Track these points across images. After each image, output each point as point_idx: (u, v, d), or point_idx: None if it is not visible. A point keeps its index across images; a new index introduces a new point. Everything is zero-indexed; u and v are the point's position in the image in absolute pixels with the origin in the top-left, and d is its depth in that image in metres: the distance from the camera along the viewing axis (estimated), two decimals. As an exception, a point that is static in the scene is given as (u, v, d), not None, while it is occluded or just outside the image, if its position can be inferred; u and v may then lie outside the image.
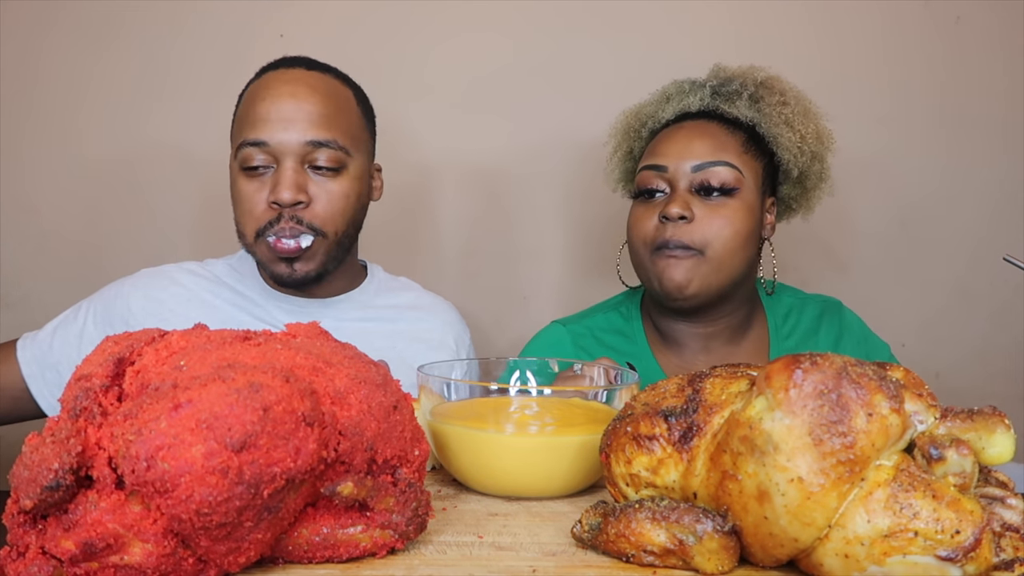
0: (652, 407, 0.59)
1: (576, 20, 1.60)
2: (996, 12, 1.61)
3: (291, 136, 1.06)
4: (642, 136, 1.22)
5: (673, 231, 1.08)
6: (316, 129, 1.07)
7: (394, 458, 0.55)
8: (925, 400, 0.52)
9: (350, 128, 1.11)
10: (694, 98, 1.16)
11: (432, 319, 1.24)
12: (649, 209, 1.12)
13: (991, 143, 1.63)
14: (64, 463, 0.46)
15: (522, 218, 1.64)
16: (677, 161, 1.11)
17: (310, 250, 1.08)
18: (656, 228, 1.10)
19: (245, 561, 0.51)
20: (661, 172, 1.12)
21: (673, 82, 1.21)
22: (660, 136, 1.16)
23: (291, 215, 1.07)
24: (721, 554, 0.53)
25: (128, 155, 1.58)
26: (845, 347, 1.22)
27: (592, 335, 1.22)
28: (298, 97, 1.07)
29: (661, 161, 1.12)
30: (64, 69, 1.57)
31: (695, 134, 1.13)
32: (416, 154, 1.61)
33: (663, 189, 1.12)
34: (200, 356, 0.53)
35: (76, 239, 1.58)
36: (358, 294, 1.22)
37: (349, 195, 1.10)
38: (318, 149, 1.07)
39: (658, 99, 1.20)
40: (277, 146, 1.06)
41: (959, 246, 1.64)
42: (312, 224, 1.08)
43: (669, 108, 1.18)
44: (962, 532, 0.48)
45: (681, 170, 1.10)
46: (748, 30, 1.59)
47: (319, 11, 1.59)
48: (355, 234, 1.16)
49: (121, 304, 1.14)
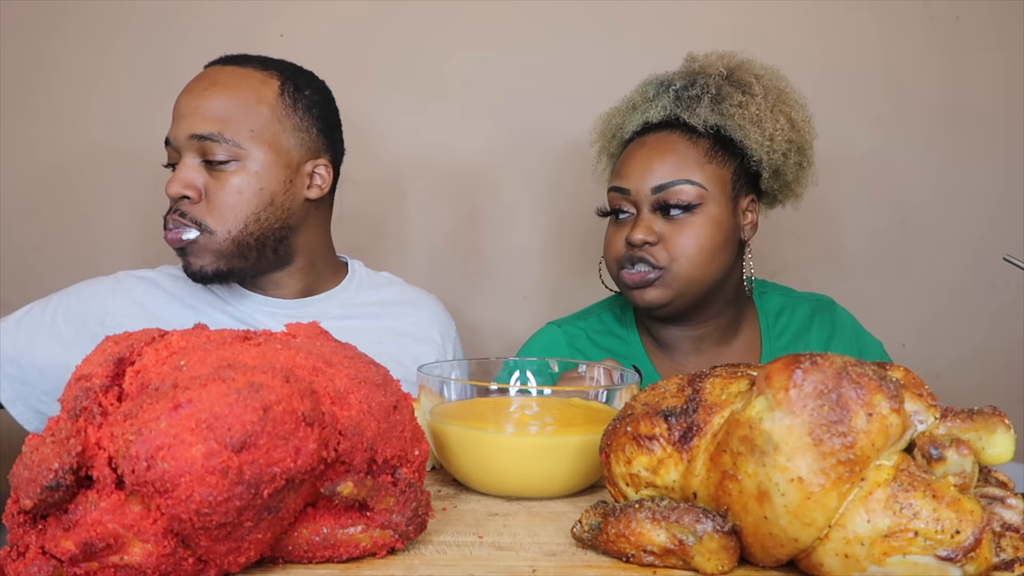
0: (652, 407, 0.59)
1: (570, 18, 1.60)
2: (995, 12, 1.61)
3: (181, 131, 1.06)
4: (613, 148, 1.23)
5: (638, 254, 1.11)
6: (202, 123, 1.05)
7: (394, 458, 0.55)
8: (925, 400, 0.52)
9: (250, 121, 1.07)
10: (656, 108, 1.16)
11: (416, 313, 1.24)
12: (619, 229, 1.15)
13: (991, 143, 1.63)
14: (64, 463, 0.46)
15: (519, 218, 1.64)
16: (638, 183, 1.12)
17: (196, 244, 1.06)
18: (624, 249, 1.13)
19: (245, 561, 0.51)
20: (625, 195, 1.13)
21: (641, 84, 1.21)
22: (625, 152, 1.17)
23: (175, 208, 1.06)
24: (721, 554, 0.53)
25: (128, 155, 1.58)
26: (837, 345, 1.22)
27: (587, 336, 1.23)
28: (193, 92, 1.08)
29: (624, 184, 1.14)
30: (65, 69, 1.57)
31: (655, 152, 1.13)
32: (414, 154, 1.61)
33: (629, 210, 1.14)
34: (200, 356, 0.53)
35: (77, 239, 1.58)
36: (339, 292, 1.21)
37: (243, 190, 1.06)
38: (204, 143, 1.05)
39: (626, 107, 1.21)
40: (175, 142, 1.07)
41: (959, 246, 1.64)
42: (196, 219, 1.06)
43: (634, 119, 1.18)
44: (962, 532, 0.48)
45: (643, 192, 1.12)
46: (746, 29, 1.59)
47: (319, 11, 1.59)
48: (267, 232, 1.10)
49: (99, 303, 1.12)
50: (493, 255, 1.65)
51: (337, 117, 1.20)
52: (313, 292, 1.19)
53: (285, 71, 1.13)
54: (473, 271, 1.65)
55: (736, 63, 1.17)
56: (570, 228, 1.63)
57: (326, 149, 1.15)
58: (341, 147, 1.21)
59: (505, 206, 1.64)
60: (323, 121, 1.15)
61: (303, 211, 1.13)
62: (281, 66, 1.14)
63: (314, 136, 1.13)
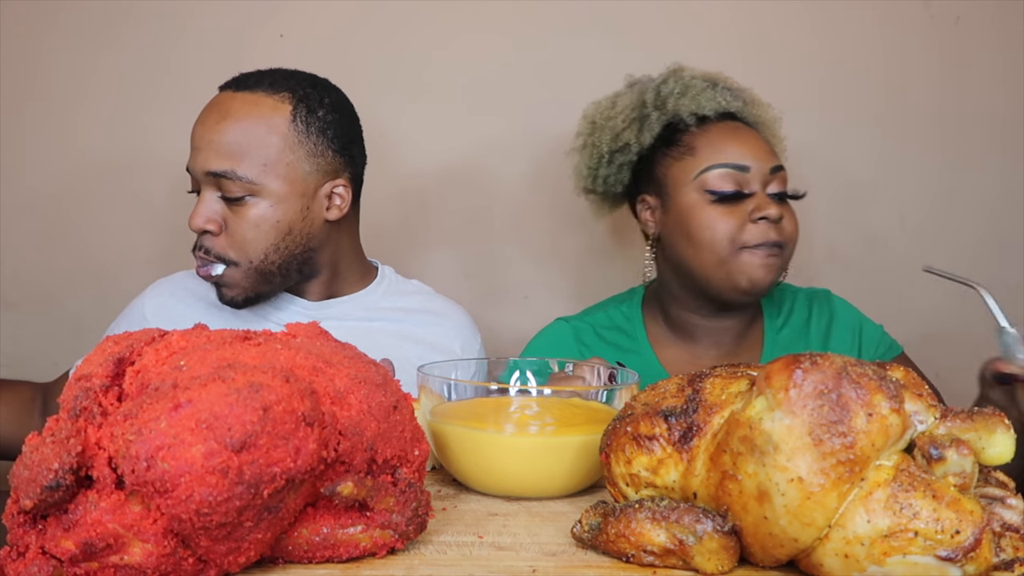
0: (652, 407, 0.59)
1: (571, 19, 1.60)
2: (996, 12, 1.61)
3: (197, 165, 1.08)
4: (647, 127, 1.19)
5: (769, 232, 1.11)
6: (215, 159, 1.06)
7: (394, 458, 0.55)
8: (925, 400, 0.52)
9: (263, 155, 1.06)
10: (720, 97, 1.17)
11: (440, 323, 1.23)
12: (733, 210, 1.12)
13: (991, 143, 1.62)
14: (64, 463, 0.46)
15: (521, 217, 1.64)
16: (757, 161, 1.12)
17: (225, 277, 1.09)
18: (746, 228, 1.11)
19: (245, 561, 0.51)
20: (743, 172, 1.12)
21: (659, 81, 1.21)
22: (712, 131, 1.15)
23: (199, 244, 1.09)
24: (721, 554, 0.53)
25: (128, 155, 1.58)
26: (837, 332, 1.23)
27: (594, 331, 1.24)
28: (206, 125, 1.08)
29: (741, 160, 1.12)
30: (64, 69, 1.57)
31: (752, 133, 1.16)
32: (415, 154, 1.61)
33: (751, 191, 1.12)
34: (200, 356, 0.53)
35: (76, 239, 1.58)
36: (364, 295, 1.21)
37: (260, 224, 1.07)
38: (219, 179, 1.06)
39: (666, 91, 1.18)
40: (194, 172, 1.09)
41: (959, 246, 1.63)
42: (219, 254, 1.08)
43: (702, 101, 1.16)
44: (962, 532, 0.48)
45: (763, 171, 1.12)
46: (747, 30, 1.59)
47: (319, 11, 1.58)
48: (288, 259, 1.11)
49: (137, 314, 1.18)
50: (493, 255, 1.65)
51: (356, 127, 1.19)
52: (337, 295, 1.20)
53: (296, 92, 1.11)
54: (478, 271, 1.65)
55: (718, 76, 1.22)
56: (571, 228, 1.63)
57: (343, 167, 1.14)
58: (361, 158, 1.20)
59: (507, 206, 1.64)
60: (339, 140, 1.13)
61: (324, 232, 1.13)
62: (292, 86, 1.11)
63: (329, 158, 1.12)
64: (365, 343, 0.75)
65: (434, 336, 1.22)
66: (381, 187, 1.34)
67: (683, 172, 1.15)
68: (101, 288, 1.54)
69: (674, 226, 1.16)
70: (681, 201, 1.15)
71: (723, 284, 1.13)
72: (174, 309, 1.17)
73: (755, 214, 1.10)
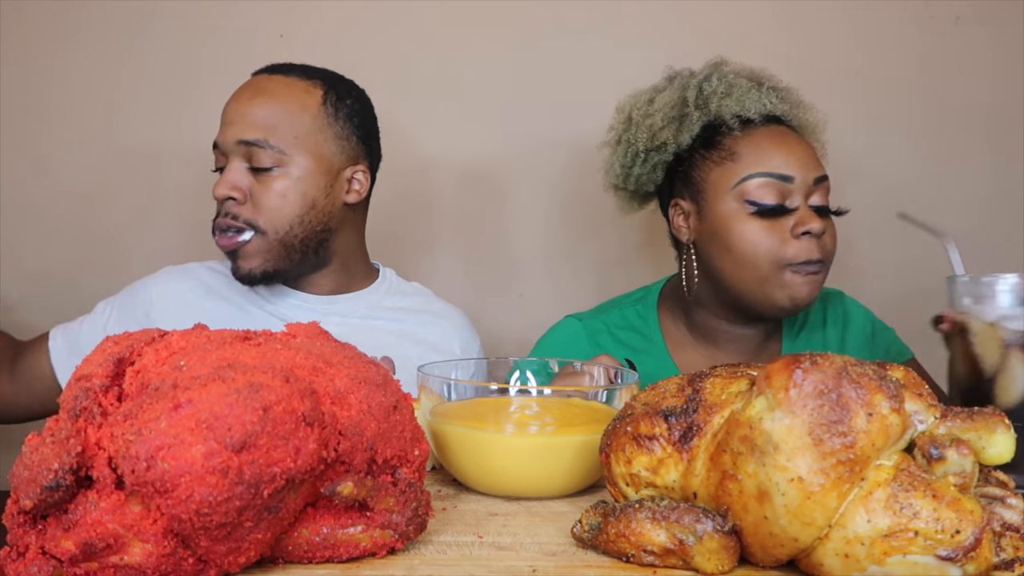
0: (652, 407, 0.59)
1: (575, 20, 1.60)
2: (996, 12, 1.61)
3: (228, 136, 1.12)
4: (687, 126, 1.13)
5: (812, 249, 1.05)
6: (249, 130, 1.10)
7: (394, 458, 0.55)
8: (925, 400, 0.52)
9: (294, 129, 1.12)
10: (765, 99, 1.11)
11: (439, 325, 1.26)
12: (775, 224, 1.06)
13: (991, 142, 1.63)
14: (64, 463, 0.46)
15: (521, 218, 1.64)
16: (802, 171, 1.06)
17: (249, 245, 1.12)
18: (788, 244, 1.06)
19: (245, 561, 0.51)
20: (787, 183, 1.06)
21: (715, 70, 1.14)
22: (757, 135, 1.09)
23: (225, 211, 1.11)
24: (721, 554, 0.53)
25: (128, 155, 1.58)
26: (852, 335, 1.21)
27: (608, 331, 1.21)
28: (240, 100, 1.13)
29: (786, 171, 1.06)
30: (65, 69, 1.57)
31: (798, 141, 1.09)
32: (414, 153, 1.61)
33: (794, 205, 1.06)
34: (200, 356, 0.53)
35: (76, 239, 1.58)
36: (368, 293, 1.25)
37: (287, 195, 1.11)
38: (251, 148, 1.10)
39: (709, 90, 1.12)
40: (223, 146, 1.12)
41: (959, 246, 1.63)
42: (249, 220, 1.11)
43: (747, 103, 1.10)
44: (962, 532, 0.48)
45: (806, 181, 1.06)
46: (746, 30, 1.59)
47: (319, 11, 1.59)
48: (310, 235, 1.15)
49: (143, 296, 1.19)
50: (507, 258, 1.65)
51: (375, 125, 1.24)
52: (343, 291, 1.23)
53: (328, 80, 1.17)
54: (486, 273, 1.65)
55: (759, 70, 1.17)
56: (571, 228, 1.63)
57: (364, 156, 1.20)
58: (378, 154, 1.26)
59: (508, 206, 1.64)
60: (362, 129, 1.19)
61: (341, 215, 1.18)
62: (324, 75, 1.18)
63: (354, 144, 1.18)
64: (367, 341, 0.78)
65: (434, 336, 1.24)
66: (383, 187, 1.35)
67: (723, 178, 1.09)
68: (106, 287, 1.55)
69: (711, 235, 1.10)
70: (719, 209, 1.09)
71: (763, 301, 1.08)
72: (184, 298, 1.18)
73: (798, 228, 1.05)
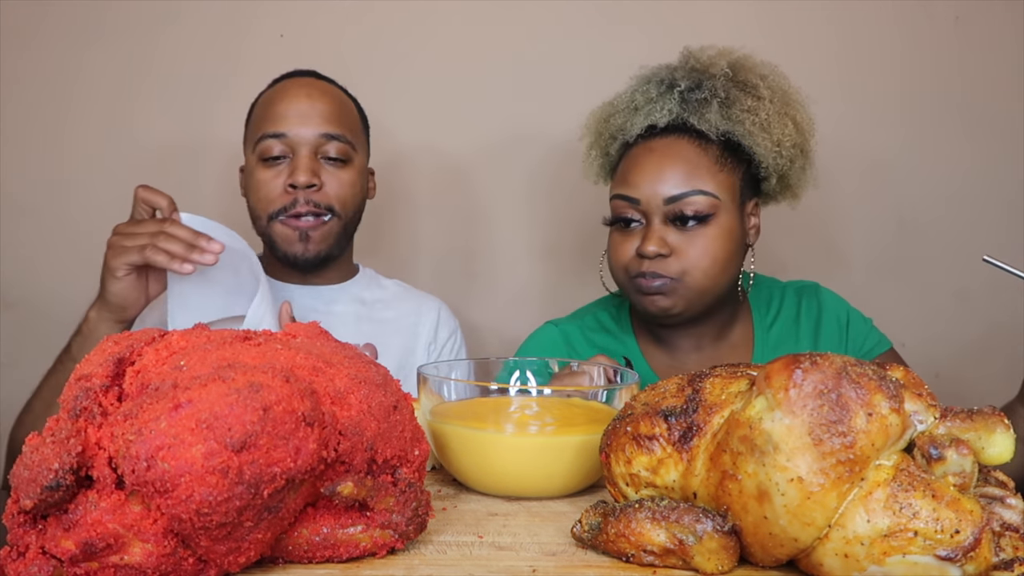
0: (652, 407, 0.59)
1: (566, 17, 1.60)
2: (996, 12, 1.61)
3: (307, 129, 1.19)
4: (612, 148, 1.19)
5: (650, 265, 1.08)
6: (329, 124, 1.20)
7: (394, 458, 0.55)
8: (925, 400, 0.52)
9: (352, 128, 1.24)
10: (662, 110, 1.11)
11: (418, 311, 1.35)
12: (626, 237, 1.11)
13: (990, 142, 1.63)
14: (64, 463, 0.46)
15: (515, 217, 1.64)
16: (650, 192, 1.08)
17: (326, 227, 1.21)
18: (634, 259, 1.09)
19: (245, 561, 0.51)
20: (634, 204, 1.09)
21: (638, 81, 1.17)
22: (631, 157, 1.13)
23: (306, 198, 1.19)
24: (721, 554, 0.53)
25: (129, 154, 1.58)
26: (826, 327, 1.22)
27: (582, 334, 1.23)
28: (312, 98, 1.22)
29: (633, 193, 1.09)
30: (64, 68, 1.57)
31: (667, 159, 1.09)
32: (413, 153, 1.61)
33: (638, 219, 1.10)
34: (200, 356, 0.53)
35: (76, 238, 1.58)
36: (350, 286, 1.33)
37: (354, 185, 1.24)
38: (330, 141, 1.20)
39: (626, 107, 1.16)
40: (294, 137, 1.19)
41: (959, 246, 1.64)
42: (329, 205, 1.21)
43: (637, 121, 1.13)
44: (962, 532, 0.48)
45: (654, 203, 1.08)
46: (743, 29, 1.59)
47: (319, 11, 1.59)
48: (356, 224, 1.28)
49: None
50: (490, 255, 1.65)
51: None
52: (332, 283, 1.32)
53: (347, 91, 1.29)
54: (470, 271, 1.65)
55: (737, 61, 1.14)
56: (567, 227, 1.63)
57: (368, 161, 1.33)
58: None
59: (502, 206, 1.64)
60: (368, 135, 1.32)
61: (361, 211, 1.30)
62: (341, 87, 1.29)
63: (368, 149, 1.32)
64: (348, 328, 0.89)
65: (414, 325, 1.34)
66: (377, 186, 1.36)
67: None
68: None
69: None
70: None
71: (635, 306, 1.15)
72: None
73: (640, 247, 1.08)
